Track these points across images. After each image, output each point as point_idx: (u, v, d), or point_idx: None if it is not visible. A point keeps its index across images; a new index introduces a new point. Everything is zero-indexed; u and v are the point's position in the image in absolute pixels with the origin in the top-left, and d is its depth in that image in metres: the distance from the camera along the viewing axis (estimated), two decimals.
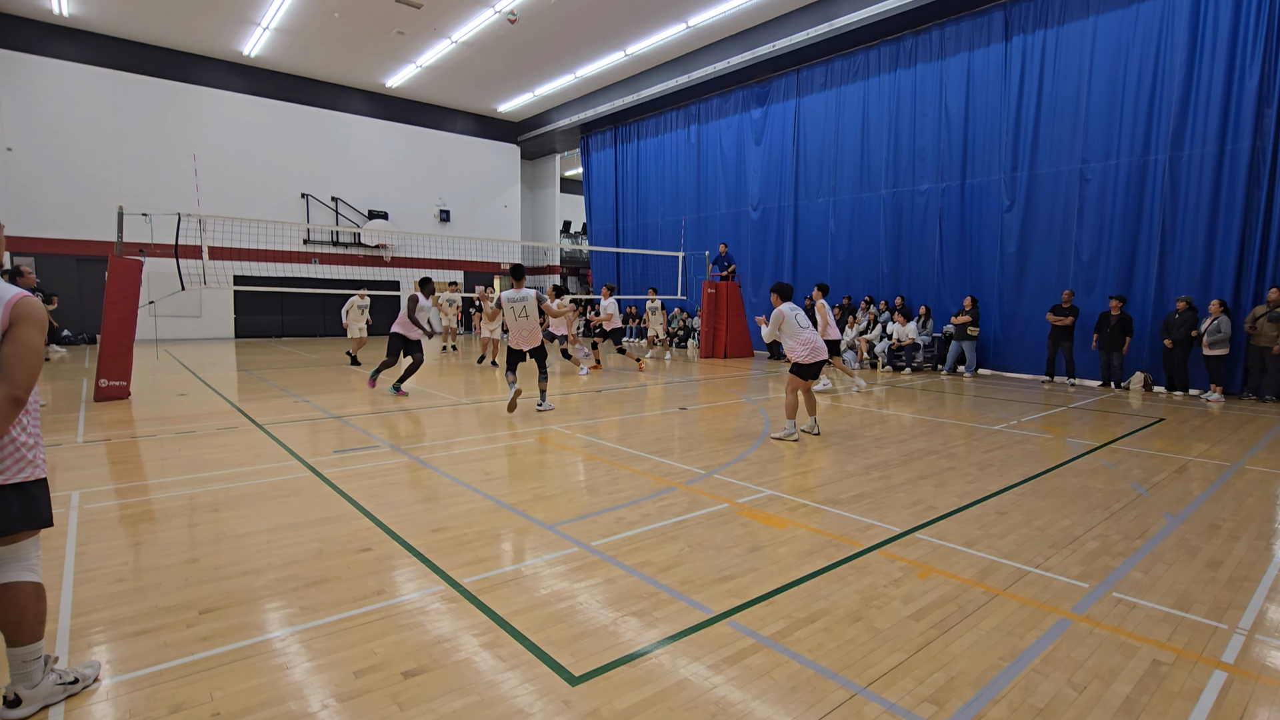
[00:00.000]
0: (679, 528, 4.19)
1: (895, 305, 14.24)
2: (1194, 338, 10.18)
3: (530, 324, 7.90)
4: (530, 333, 7.94)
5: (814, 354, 6.76)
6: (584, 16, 16.18)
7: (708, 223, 19.74)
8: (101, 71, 18.29)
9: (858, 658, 2.69)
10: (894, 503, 4.77)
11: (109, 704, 2.38)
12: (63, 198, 17.89)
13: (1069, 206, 12.11)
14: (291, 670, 2.58)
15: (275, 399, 9.14)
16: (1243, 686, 2.55)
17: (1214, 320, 9.88)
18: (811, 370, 6.83)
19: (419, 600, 3.18)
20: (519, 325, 7.91)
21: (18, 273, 8.42)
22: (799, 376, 6.83)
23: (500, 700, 2.40)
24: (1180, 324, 10.24)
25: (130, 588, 3.30)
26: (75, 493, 4.82)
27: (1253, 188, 10.14)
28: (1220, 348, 9.87)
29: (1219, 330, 9.81)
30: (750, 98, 18.16)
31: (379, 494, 4.85)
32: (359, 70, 21.00)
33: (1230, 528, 4.36)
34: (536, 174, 29.47)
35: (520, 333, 7.94)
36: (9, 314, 2.17)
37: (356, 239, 22.68)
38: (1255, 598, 3.32)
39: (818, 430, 7.11)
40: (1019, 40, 12.66)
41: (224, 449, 6.22)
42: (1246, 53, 10.12)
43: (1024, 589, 3.36)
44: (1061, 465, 5.95)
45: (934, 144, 14.04)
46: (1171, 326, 10.37)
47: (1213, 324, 9.87)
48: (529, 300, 7.87)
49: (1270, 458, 6.35)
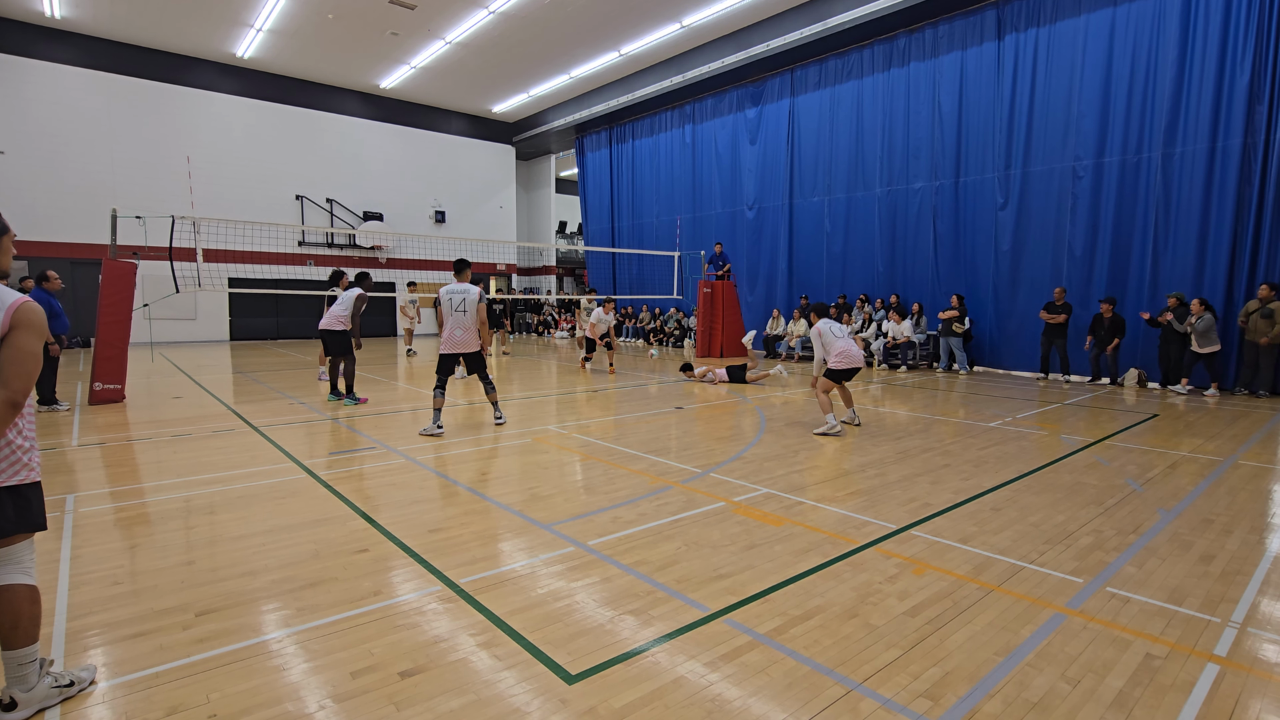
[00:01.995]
0: (675, 526, 4.20)
1: (890, 303, 14.28)
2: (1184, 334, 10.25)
3: (468, 322, 7.05)
4: (466, 333, 7.07)
5: (847, 360, 7.04)
6: (578, 16, 16.18)
7: (703, 222, 19.76)
8: (94, 74, 18.22)
9: (853, 654, 2.71)
10: (889, 500, 4.79)
11: (105, 707, 2.37)
12: (56, 200, 17.82)
13: (1062, 204, 12.16)
14: (288, 671, 2.59)
15: (271, 401, 9.12)
16: (1235, 679, 2.57)
17: (1197, 319, 9.97)
18: (844, 374, 7.13)
19: (416, 601, 3.18)
20: (454, 323, 7.03)
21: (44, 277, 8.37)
22: (830, 379, 7.16)
23: (497, 699, 2.40)
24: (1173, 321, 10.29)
25: (126, 590, 3.29)
26: (70, 496, 4.81)
27: (1244, 184, 10.21)
28: (1210, 345, 9.94)
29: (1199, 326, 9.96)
30: (745, 97, 18.19)
31: (375, 495, 4.85)
32: (353, 71, 20.96)
33: (1223, 522, 4.39)
34: (532, 174, 29.46)
35: (454, 332, 7.03)
36: (9, 319, 2.19)
37: (352, 241, 22.64)
38: (1247, 592, 3.34)
39: (858, 421, 7.55)
40: (1011, 39, 12.71)
41: (220, 451, 6.21)
42: (1237, 50, 10.18)
43: (1018, 584, 3.38)
44: (1056, 461, 5.97)
45: (928, 142, 14.08)
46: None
47: (1199, 322, 9.95)
48: (470, 295, 7.06)
49: (1263, 453, 6.39)
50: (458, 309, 7.06)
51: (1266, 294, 9.52)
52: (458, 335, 7.07)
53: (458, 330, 7.07)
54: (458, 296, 7.07)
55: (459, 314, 7.06)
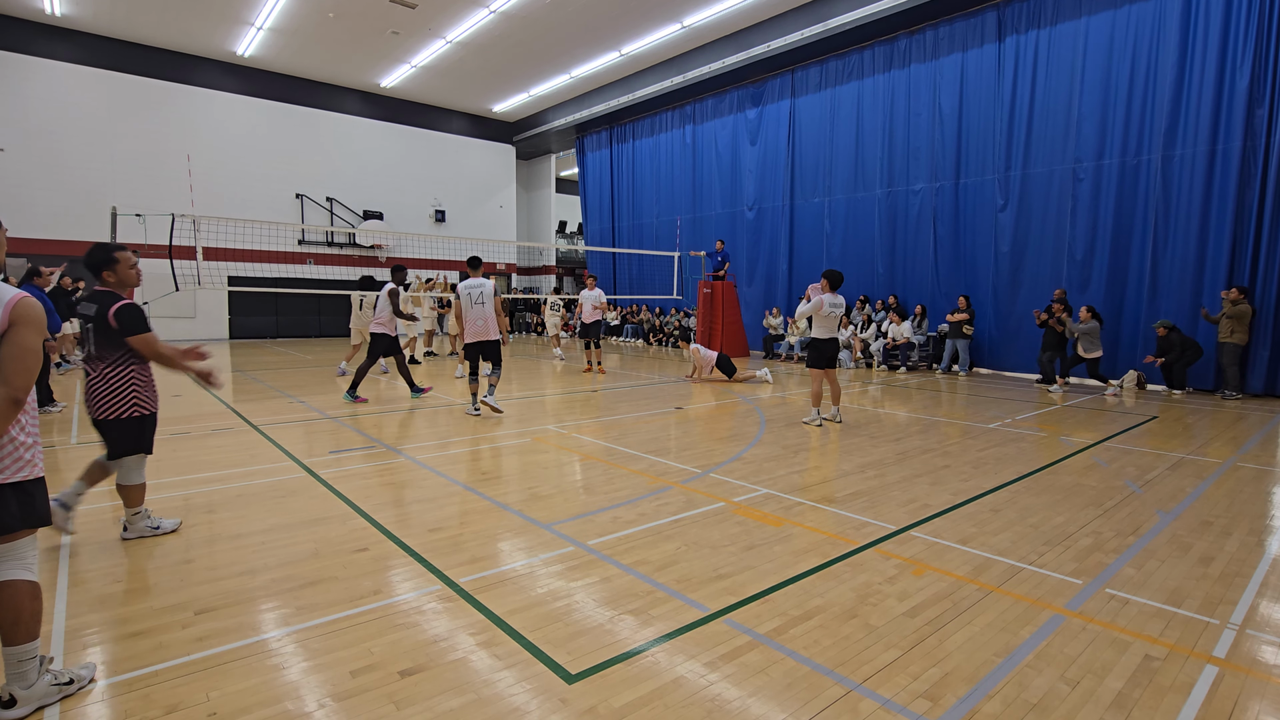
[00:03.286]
0: (675, 526, 4.20)
1: (890, 305, 14.29)
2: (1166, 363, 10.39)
3: (487, 312, 7.80)
4: (486, 322, 7.80)
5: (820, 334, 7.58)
6: (579, 16, 16.18)
7: (703, 223, 19.77)
8: (94, 72, 18.21)
9: (853, 654, 2.71)
10: (889, 501, 4.80)
11: (104, 705, 2.37)
12: (55, 198, 17.80)
13: (1062, 206, 12.17)
14: (288, 670, 2.58)
15: (270, 400, 9.12)
16: (1234, 681, 2.57)
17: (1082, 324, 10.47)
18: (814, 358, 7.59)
19: (415, 600, 3.18)
20: (474, 314, 7.77)
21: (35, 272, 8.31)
22: (807, 364, 7.72)
23: (497, 699, 2.40)
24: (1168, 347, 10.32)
25: (126, 589, 3.29)
26: None
27: (1244, 187, 10.21)
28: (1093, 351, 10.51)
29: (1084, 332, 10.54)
30: (745, 98, 18.20)
31: (375, 494, 4.85)
32: (353, 70, 20.95)
33: (1222, 524, 4.39)
34: (532, 174, 29.45)
35: (475, 322, 7.79)
36: (8, 315, 2.18)
37: (351, 239, 22.62)
38: (1246, 593, 3.35)
39: (839, 419, 7.74)
40: (1012, 40, 12.71)
41: (219, 450, 6.21)
42: (1237, 53, 10.19)
43: (1018, 585, 3.39)
44: (1055, 463, 5.98)
45: (928, 144, 14.08)
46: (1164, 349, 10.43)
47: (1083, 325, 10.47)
48: (486, 288, 7.82)
49: (1262, 455, 6.40)
50: (477, 301, 7.80)
51: (1236, 296, 9.67)
52: (478, 325, 7.81)
53: (478, 320, 7.81)
54: (475, 290, 7.81)
55: (479, 306, 7.80)
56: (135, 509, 3.92)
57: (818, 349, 7.59)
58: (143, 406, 3.77)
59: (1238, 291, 9.71)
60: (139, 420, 3.77)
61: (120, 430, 3.72)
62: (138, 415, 3.75)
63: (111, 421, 3.70)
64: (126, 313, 3.63)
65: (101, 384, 3.66)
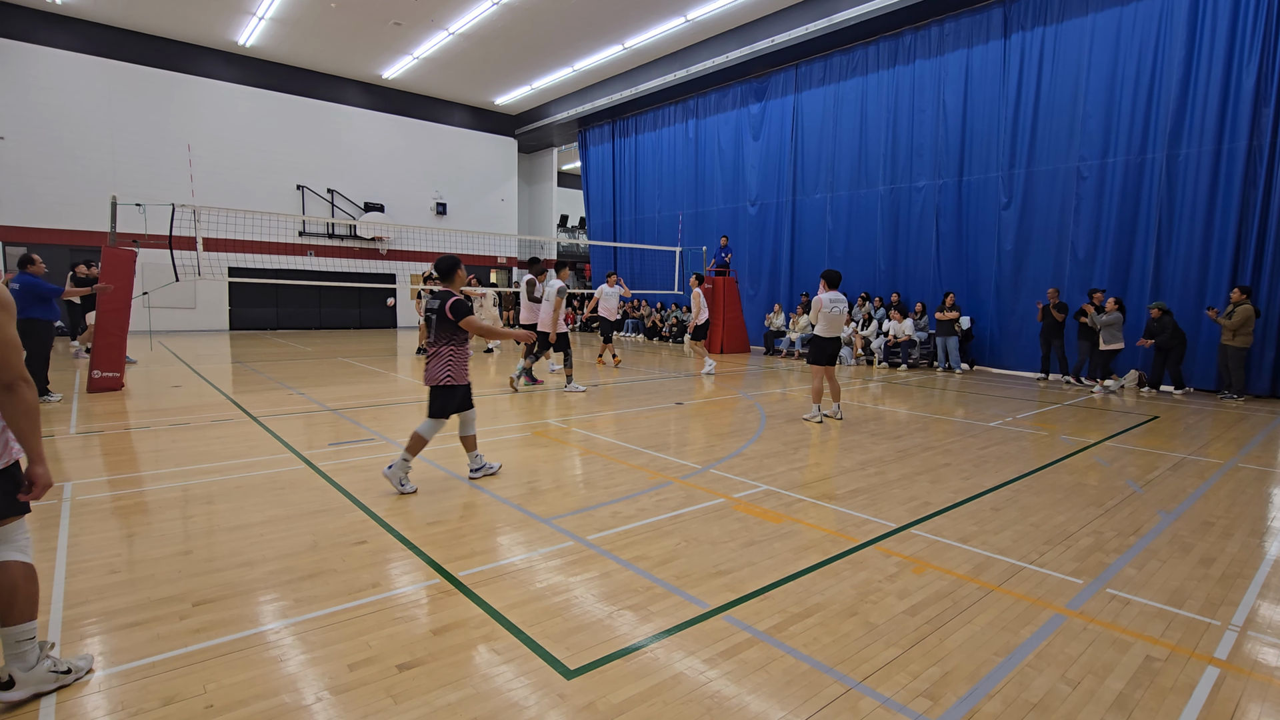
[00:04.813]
0: (675, 522, 4.19)
1: (892, 302, 14.26)
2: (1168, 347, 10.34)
3: (548, 306, 9.52)
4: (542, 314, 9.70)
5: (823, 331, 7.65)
6: (582, 9, 16.09)
7: (705, 218, 19.71)
8: (96, 60, 18.12)
9: (853, 652, 2.70)
10: (889, 498, 4.78)
11: (101, 695, 2.36)
12: (56, 187, 17.73)
13: (1066, 204, 12.13)
14: (286, 663, 2.58)
15: (270, 391, 9.10)
16: (1235, 682, 2.56)
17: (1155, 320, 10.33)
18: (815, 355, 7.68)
19: (414, 593, 3.17)
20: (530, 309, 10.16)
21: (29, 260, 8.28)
22: (808, 361, 7.86)
23: (495, 693, 2.39)
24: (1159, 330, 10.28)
25: (123, 580, 3.28)
26: (68, 484, 4.79)
27: (1249, 187, 10.17)
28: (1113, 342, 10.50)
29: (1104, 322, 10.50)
30: (749, 93, 18.11)
31: (374, 487, 4.84)
32: (355, 61, 20.86)
33: (1223, 525, 4.38)
34: (534, 167, 29.36)
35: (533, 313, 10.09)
36: None
37: (352, 231, 22.56)
38: (1247, 595, 3.34)
39: (840, 416, 7.78)
40: (1018, 37, 12.64)
41: (218, 441, 6.20)
42: (1244, 51, 10.13)
43: (1018, 585, 3.38)
44: (1056, 462, 5.97)
45: (932, 141, 14.03)
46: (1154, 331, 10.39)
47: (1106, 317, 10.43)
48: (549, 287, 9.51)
49: (1263, 455, 6.39)
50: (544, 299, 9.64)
51: (1238, 297, 9.61)
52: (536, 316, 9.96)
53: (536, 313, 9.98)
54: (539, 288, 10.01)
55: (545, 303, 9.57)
56: (472, 451, 5.08)
57: (819, 346, 7.62)
58: (455, 378, 4.82)
59: (1239, 291, 9.66)
60: (451, 388, 4.82)
61: (444, 394, 4.82)
62: (451, 384, 4.81)
63: (439, 388, 4.79)
64: (457, 305, 4.72)
65: (436, 360, 4.78)
